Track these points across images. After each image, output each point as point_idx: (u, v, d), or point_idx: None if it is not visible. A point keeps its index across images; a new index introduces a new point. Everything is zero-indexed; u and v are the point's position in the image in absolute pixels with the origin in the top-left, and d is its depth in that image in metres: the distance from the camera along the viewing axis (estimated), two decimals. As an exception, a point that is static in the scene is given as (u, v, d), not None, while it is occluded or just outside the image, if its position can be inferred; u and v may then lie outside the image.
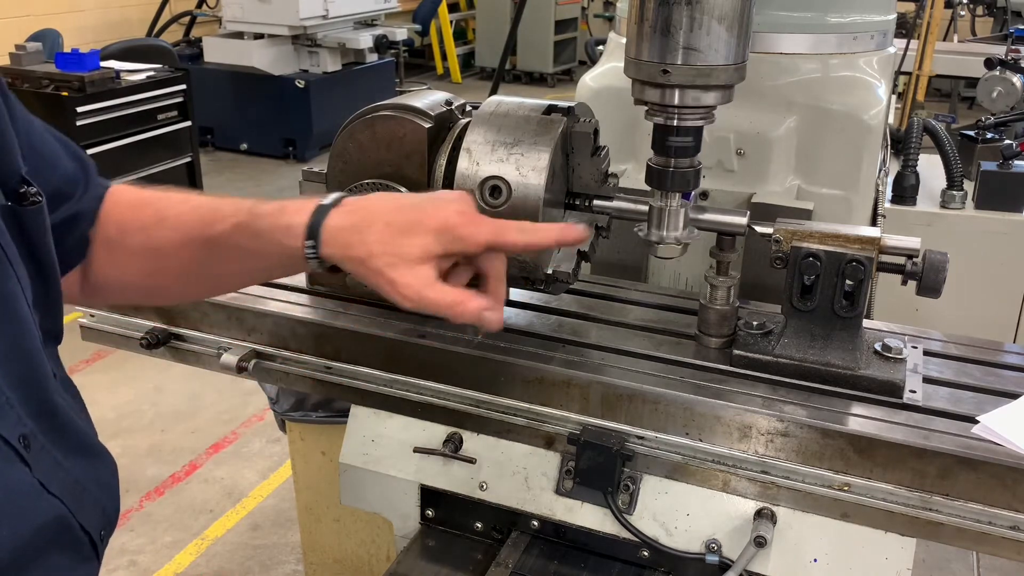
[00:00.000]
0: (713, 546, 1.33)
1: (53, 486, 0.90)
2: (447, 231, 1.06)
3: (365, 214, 1.07)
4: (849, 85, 1.78)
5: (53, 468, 0.92)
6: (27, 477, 0.87)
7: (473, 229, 1.07)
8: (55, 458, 0.93)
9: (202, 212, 1.13)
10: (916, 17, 6.17)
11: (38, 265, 0.97)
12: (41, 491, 0.89)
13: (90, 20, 8.33)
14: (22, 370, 0.90)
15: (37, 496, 0.88)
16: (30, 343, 0.92)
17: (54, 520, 0.90)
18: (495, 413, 1.43)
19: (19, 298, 0.91)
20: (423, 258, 1.05)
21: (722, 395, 1.32)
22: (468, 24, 12.39)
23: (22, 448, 0.87)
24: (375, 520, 2.20)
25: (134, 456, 3.84)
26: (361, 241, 1.05)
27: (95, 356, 4.54)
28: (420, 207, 1.08)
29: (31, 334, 0.92)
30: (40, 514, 0.89)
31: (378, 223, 1.06)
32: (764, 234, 1.40)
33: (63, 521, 0.92)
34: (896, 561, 1.26)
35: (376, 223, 1.06)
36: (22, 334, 0.91)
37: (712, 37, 1.22)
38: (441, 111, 1.49)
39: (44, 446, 0.91)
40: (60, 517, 0.91)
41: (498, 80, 3.93)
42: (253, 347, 1.57)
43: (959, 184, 2.95)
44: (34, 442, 0.89)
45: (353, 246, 1.06)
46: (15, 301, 0.90)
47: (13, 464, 0.86)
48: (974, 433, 1.23)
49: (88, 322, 1.72)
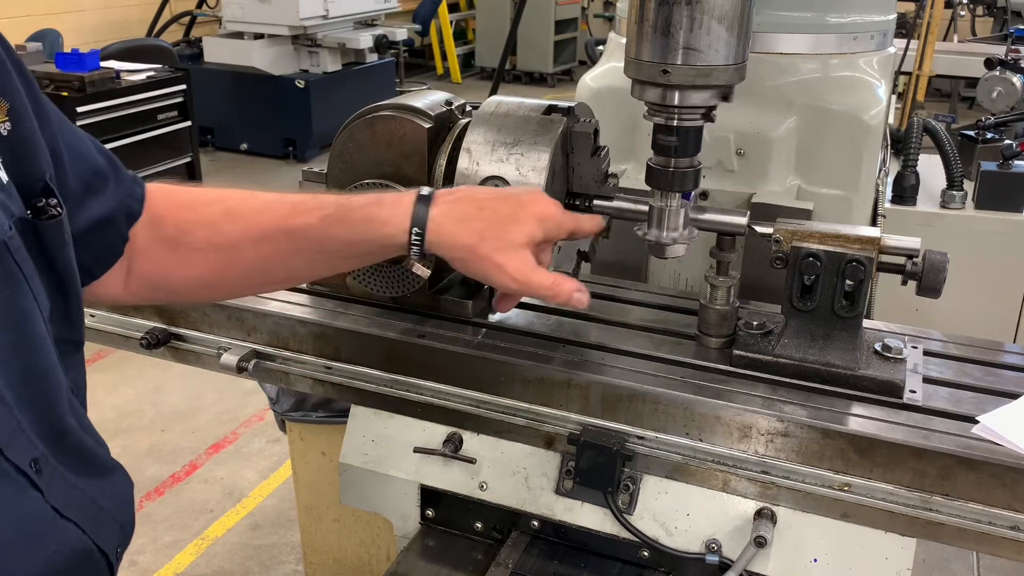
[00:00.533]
0: (713, 546, 1.33)
1: (68, 510, 0.89)
2: (548, 219, 1.20)
3: (469, 205, 1.17)
4: (849, 85, 1.78)
5: (67, 490, 0.91)
6: (40, 504, 0.86)
7: (565, 218, 1.24)
8: (69, 480, 0.92)
9: (279, 206, 1.18)
10: (916, 17, 6.17)
11: (57, 277, 0.96)
12: (55, 517, 0.88)
13: (90, 20, 8.33)
14: (36, 392, 0.89)
15: (51, 523, 0.87)
16: (44, 362, 0.91)
17: (69, 548, 0.89)
18: (495, 413, 1.43)
19: (35, 316, 0.90)
20: (527, 244, 1.17)
21: (722, 395, 1.32)
22: (468, 24, 12.39)
23: (34, 473, 0.85)
24: (375, 520, 2.20)
25: (134, 456, 3.84)
26: (470, 230, 1.15)
27: (95, 356, 4.54)
28: (517, 198, 1.21)
29: (47, 353, 0.91)
30: (54, 542, 0.87)
31: (484, 212, 1.16)
32: (764, 234, 1.40)
33: (79, 546, 0.91)
34: (896, 561, 1.26)
35: (482, 212, 1.16)
36: (37, 354, 0.90)
37: (712, 37, 1.22)
38: (441, 111, 1.49)
39: (56, 468, 0.90)
40: (76, 542, 0.90)
41: (498, 80, 3.93)
42: (253, 347, 1.57)
43: (959, 184, 2.95)
44: (46, 466, 0.87)
45: (460, 235, 1.15)
46: (31, 320, 0.89)
47: (26, 492, 0.84)
48: (974, 433, 1.23)
49: (88, 322, 1.71)
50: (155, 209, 1.16)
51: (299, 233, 1.16)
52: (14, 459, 0.83)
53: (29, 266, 0.90)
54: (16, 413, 0.85)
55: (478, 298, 1.55)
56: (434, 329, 1.49)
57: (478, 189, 1.25)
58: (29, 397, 0.88)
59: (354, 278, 1.53)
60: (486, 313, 1.56)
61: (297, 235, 1.16)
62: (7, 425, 0.84)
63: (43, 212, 0.93)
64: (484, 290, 1.58)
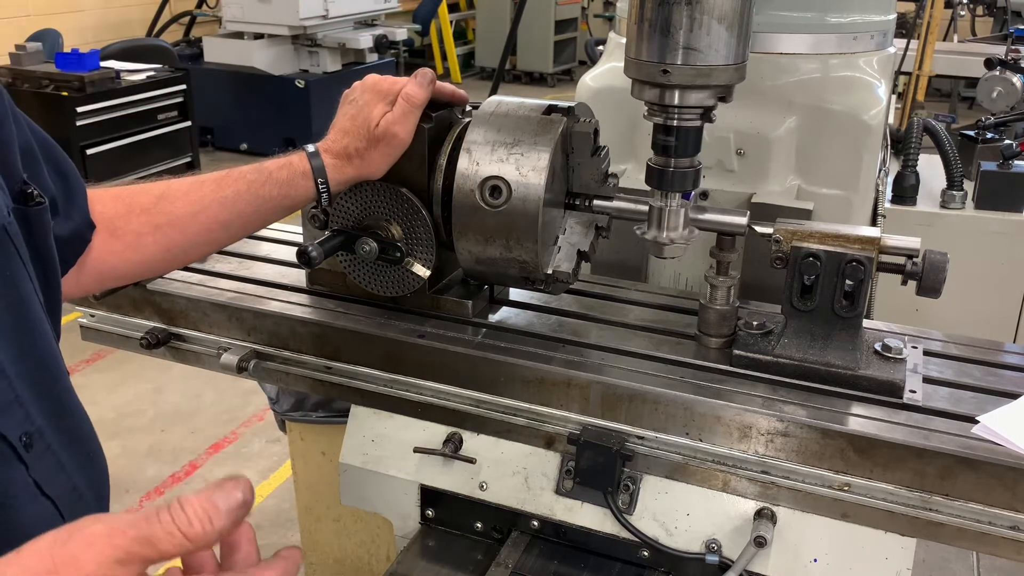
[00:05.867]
0: (713, 546, 1.33)
1: (50, 488, 0.90)
2: (377, 81, 1.43)
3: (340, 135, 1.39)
4: (849, 85, 1.78)
5: (54, 470, 0.92)
6: (22, 476, 0.87)
7: (399, 82, 1.41)
8: (59, 460, 0.93)
9: (206, 183, 1.34)
10: (916, 17, 6.17)
11: (42, 267, 0.99)
12: (36, 493, 0.88)
13: (90, 20, 8.32)
14: (37, 371, 0.91)
15: (30, 498, 0.88)
16: (45, 343, 0.93)
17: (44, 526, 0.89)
18: (495, 413, 1.43)
19: (33, 300, 0.93)
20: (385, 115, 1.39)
21: (722, 395, 1.32)
22: (468, 24, 12.39)
23: (22, 447, 0.86)
24: (375, 520, 2.20)
25: (134, 456, 3.84)
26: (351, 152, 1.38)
27: (95, 356, 4.54)
28: (366, 85, 1.43)
29: (46, 334, 0.94)
30: (29, 516, 0.88)
31: (356, 121, 1.38)
32: (764, 234, 1.40)
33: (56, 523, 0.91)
34: (896, 561, 1.26)
35: (354, 122, 1.39)
36: (38, 337, 0.92)
37: (712, 37, 1.22)
38: (441, 111, 1.49)
39: (50, 446, 0.91)
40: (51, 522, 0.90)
41: (498, 80, 3.92)
42: (253, 347, 1.57)
43: (959, 184, 2.95)
44: (38, 442, 0.89)
45: (349, 170, 1.39)
46: (30, 304, 0.92)
47: (9, 463, 0.86)
48: (974, 433, 1.23)
49: (88, 322, 1.71)
50: (91, 206, 1.25)
51: (231, 200, 1.33)
52: (4, 431, 0.85)
53: (26, 253, 0.94)
54: (15, 387, 0.87)
55: (478, 298, 1.55)
56: (434, 329, 1.49)
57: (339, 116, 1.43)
58: (30, 374, 0.90)
59: (354, 278, 1.53)
60: (486, 313, 1.56)
61: (230, 202, 1.33)
62: (3, 396, 0.86)
63: (30, 199, 0.99)
64: (484, 290, 1.58)
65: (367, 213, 1.48)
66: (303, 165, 1.36)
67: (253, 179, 1.35)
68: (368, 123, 1.37)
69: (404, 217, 1.47)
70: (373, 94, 1.40)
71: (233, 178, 1.35)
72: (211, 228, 1.35)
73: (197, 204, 1.32)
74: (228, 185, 1.34)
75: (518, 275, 1.42)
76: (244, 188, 1.34)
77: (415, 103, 1.39)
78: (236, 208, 1.34)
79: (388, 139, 1.37)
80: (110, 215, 1.26)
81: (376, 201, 1.47)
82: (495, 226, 1.37)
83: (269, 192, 1.35)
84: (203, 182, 1.35)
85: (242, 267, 1.74)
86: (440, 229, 1.47)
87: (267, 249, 1.83)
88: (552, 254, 1.43)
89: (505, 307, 1.59)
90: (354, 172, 1.39)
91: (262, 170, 1.36)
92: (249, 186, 1.34)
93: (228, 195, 1.33)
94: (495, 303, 1.59)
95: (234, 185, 1.34)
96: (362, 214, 1.49)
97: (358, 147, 1.38)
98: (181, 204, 1.31)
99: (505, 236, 1.37)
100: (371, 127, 1.37)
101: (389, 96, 1.39)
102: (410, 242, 1.47)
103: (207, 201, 1.33)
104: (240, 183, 1.34)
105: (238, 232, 1.41)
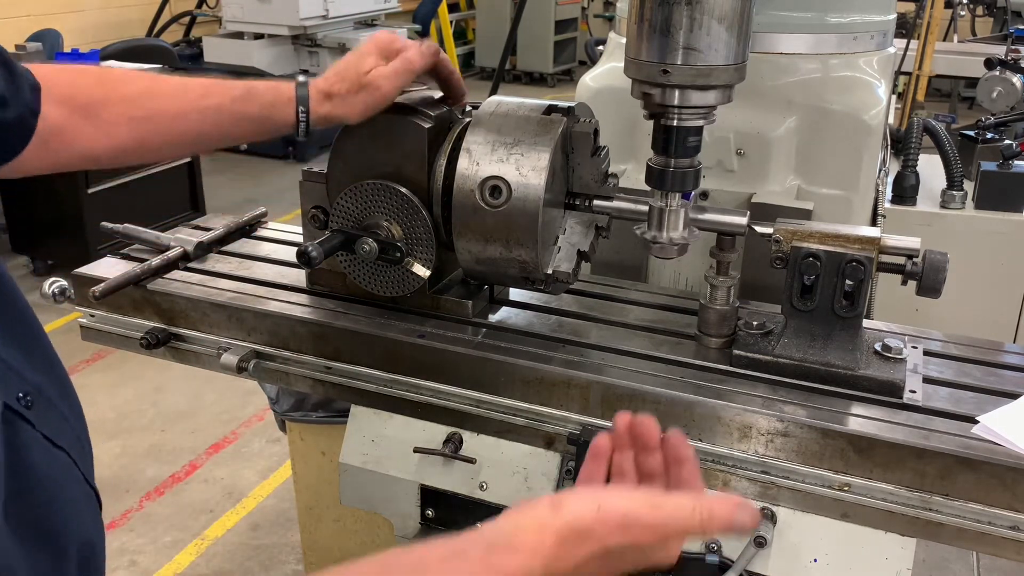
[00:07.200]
0: (713, 546, 1.32)
1: (61, 439, 0.90)
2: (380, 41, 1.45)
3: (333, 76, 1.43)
4: (849, 85, 1.78)
5: (59, 423, 0.92)
6: (31, 432, 0.86)
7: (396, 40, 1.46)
8: (62, 412, 0.93)
9: (192, 88, 1.40)
10: (916, 17, 6.17)
11: None
12: (49, 446, 0.88)
13: (90, 20, 8.32)
14: (21, 329, 0.92)
15: (44, 450, 0.88)
16: (23, 303, 0.95)
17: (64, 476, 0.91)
18: (495, 413, 1.43)
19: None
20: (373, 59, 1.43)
21: (722, 395, 1.32)
22: (468, 24, 12.38)
23: (23, 408, 0.86)
24: (375, 520, 2.20)
25: (134, 456, 3.84)
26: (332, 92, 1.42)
27: (95, 356, 4.54)
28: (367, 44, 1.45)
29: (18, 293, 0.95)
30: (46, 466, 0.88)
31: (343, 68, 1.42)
32: (764, 234, 1.40)
33: (73, 471, 0.92)
34: (896, 561, 1.26)
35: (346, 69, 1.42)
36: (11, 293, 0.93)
37: (712, 37, 1.22)
38: (441, 111, 1.49)
39: (51, 400, 0.92)
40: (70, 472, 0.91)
41: (498, 80, 3.92)
42: (253, 347, 1.57)
43: (959, 184, 2.95)
44: (38, 399, 0.89)
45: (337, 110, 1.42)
46: None
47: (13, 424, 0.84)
48: (974, 433, 1.23)
49: (88, 322, 1.71)
50: (62, 89, 1.29)
51: (213, 110, 1.39)
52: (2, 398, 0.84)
53: None
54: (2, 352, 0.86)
55: (478, 298, 1.55)
56: (434, 329, 1.49)
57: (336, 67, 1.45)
58: (13, 335, 0.90)
59: (354, 278, 1.53)
60: (486, 313, 1.56)
61: (211, 113, 1.39)
62: None
63: None
64: (484, 290, 1.58)
65: (367, 213, 1.48)
66: (289, 91, 1.41)
67: (238, 95, 1.39)
68: (359, 69, 1.41)
69: (404, 217, 1.47)
70: (376, 47, 1.43)
71: (219, 90, 1.39)
72: (187, 133, 1.40)
73: (178, 108, 1.37)
74: (213, 95, 1.38)
75: (518, 275, 1.42)
76: (227, 102, 1.38)
77: (410, 66, 1.42)
78: (216, 119, 1.39)
79: (371, 89, 1.40)
80: (87, 99, 1.31)
81: (376, 201, 1.47)
82: (495, 226, 1.37)
83: (250, 110, 1.39)
84: (189, 88, 1.40)
85: (242, 267, 1.74)
86: (440, 229, 1.47)
87: (267, 249, 1.83)
88: (552, 254, 1.43)
89: (505, 307, 1.59)
90: (331, 108, 1.42)
91: (249, 88, 1.41)
92: (233, 101, 1.39)
93: (210, 105, 1.38)
94: (495, 303, 1.59)
95: (218, 97, 1.38)
96: (362, 214, 1.49)
97: (342, 89, 1.41)
98: (163, 103, 1.36)
99: (505, 236, 1.37)
100: (360, 73, 1.41)
101: (389, 54, 1.43)
102: (410, 242, 1.48)
103: (189, 107, 1.38)
104: (224, 97, 1.39)
105: (214, 143, 1.46)
